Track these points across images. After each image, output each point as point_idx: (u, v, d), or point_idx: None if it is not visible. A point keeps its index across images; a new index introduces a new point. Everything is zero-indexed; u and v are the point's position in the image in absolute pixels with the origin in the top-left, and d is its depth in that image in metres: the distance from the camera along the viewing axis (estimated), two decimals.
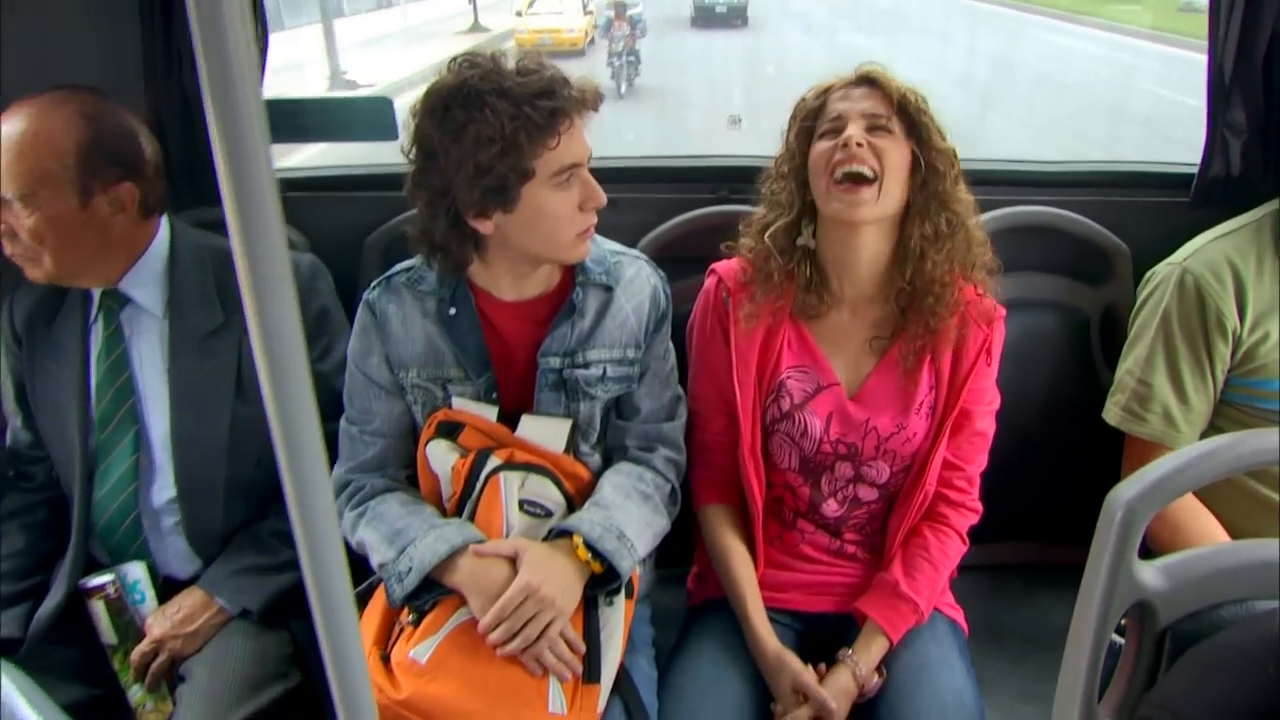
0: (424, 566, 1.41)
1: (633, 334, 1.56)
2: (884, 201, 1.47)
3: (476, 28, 17.33)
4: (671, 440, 1.62)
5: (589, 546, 1.43)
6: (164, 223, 1.68)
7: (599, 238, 1.59)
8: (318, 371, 1.67)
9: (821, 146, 1.50)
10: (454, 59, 1.42)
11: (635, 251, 1.64)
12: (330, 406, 1.63)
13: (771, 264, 1.56)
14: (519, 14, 15.45)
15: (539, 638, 1.37)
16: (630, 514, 1.50)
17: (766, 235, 1.56)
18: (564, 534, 1.45)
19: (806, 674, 1.49)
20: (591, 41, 15.15)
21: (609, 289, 1.55)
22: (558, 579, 1.40)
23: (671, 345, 1.64)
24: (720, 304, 1.61)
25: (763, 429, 1.60)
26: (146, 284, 1.65)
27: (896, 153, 1.47)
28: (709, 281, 1.64)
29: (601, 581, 1.46)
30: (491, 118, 1.34)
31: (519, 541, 1.44)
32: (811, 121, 1.53)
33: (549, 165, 1.39)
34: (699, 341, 1.65)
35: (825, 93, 1.54)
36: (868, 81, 1.52)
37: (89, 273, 1.61)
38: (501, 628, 1.37)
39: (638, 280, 1.58)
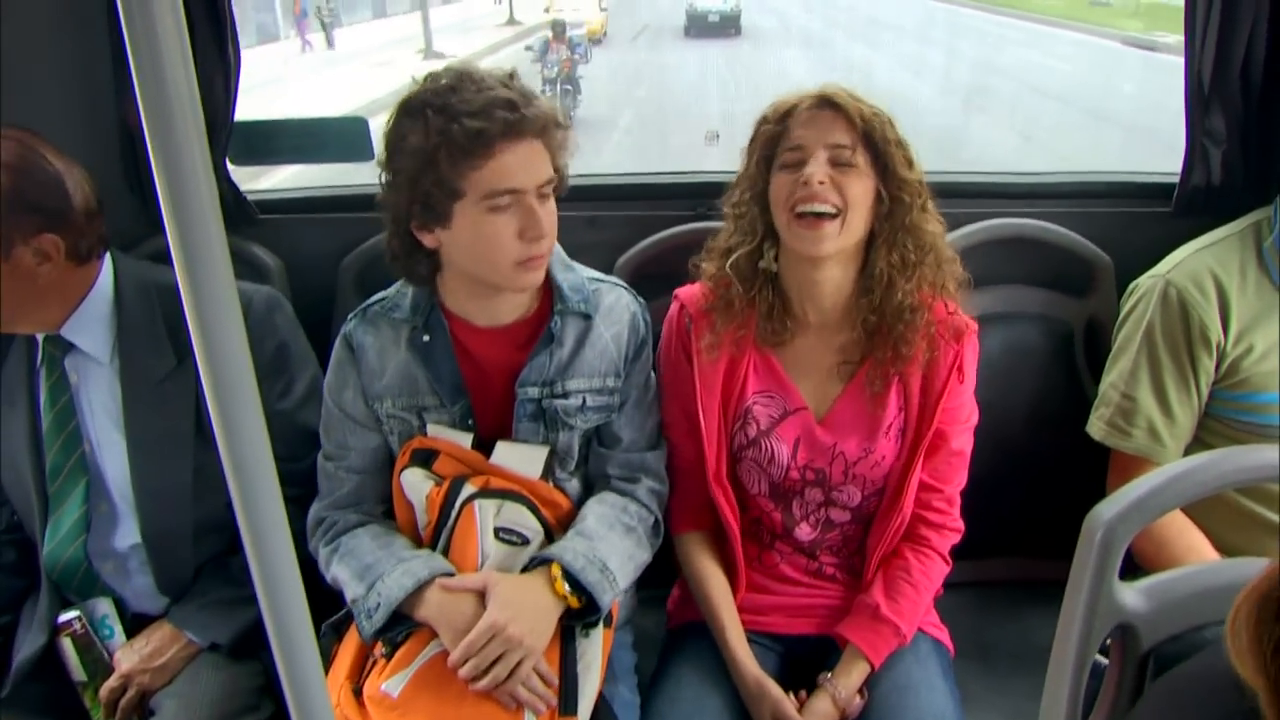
0: (391, 602, 1.39)
1: (612, 363, 1.54)
2: (846, 235, 1.44)
3: (512, 21, 19.61)
4: (654, 470, 1.60)
5: (570, 576, 1.40)
6: (107, 263, 1.60)
7: (577, 265, 1.57)
8: (279, 410, 1.64)
9: (783, 179, 1.46)
10: (430, 73, 1.40)
11: (614, 279, 1.62)
12: (297, 444, 1.61)
13: (732, 291, 1.53)
14: (547, 10, 17.33)
15: (509, 677, 1.34)
16: (614, 546, 1.47)
17: (728, 265, 1.52)
18: (545, 562, 1.43)
19: (786, 703, 1.47)
20: (605, 34, 17.22)
21: (587, 317, 1.52)
22: (527, 617, 1.37)
23: (653, 373, 1.62)
24: (684, 331, 1.58)
25: (731, 455, 1.58)
26: (90, 330, 1.58)
27: (860, 186, 1.43)
28: (673, 308, 1.62)
29: (580, 613, 1.43)
30: (422, 130, 1.33)
31: (489, 576, 1.41)
32: (772, 149, 1.50)
33: (478, 186, 1.35)
34: (666, 369, 1.62)
35: (787, 116, 1.49)
36: (831, 105, 1.46)
37: (21, 321, 1.55)
38: (469, 665, 1.34)
39: (617, 308, 1.55)
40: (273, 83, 12.64)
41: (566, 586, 1.40)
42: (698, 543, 1.62)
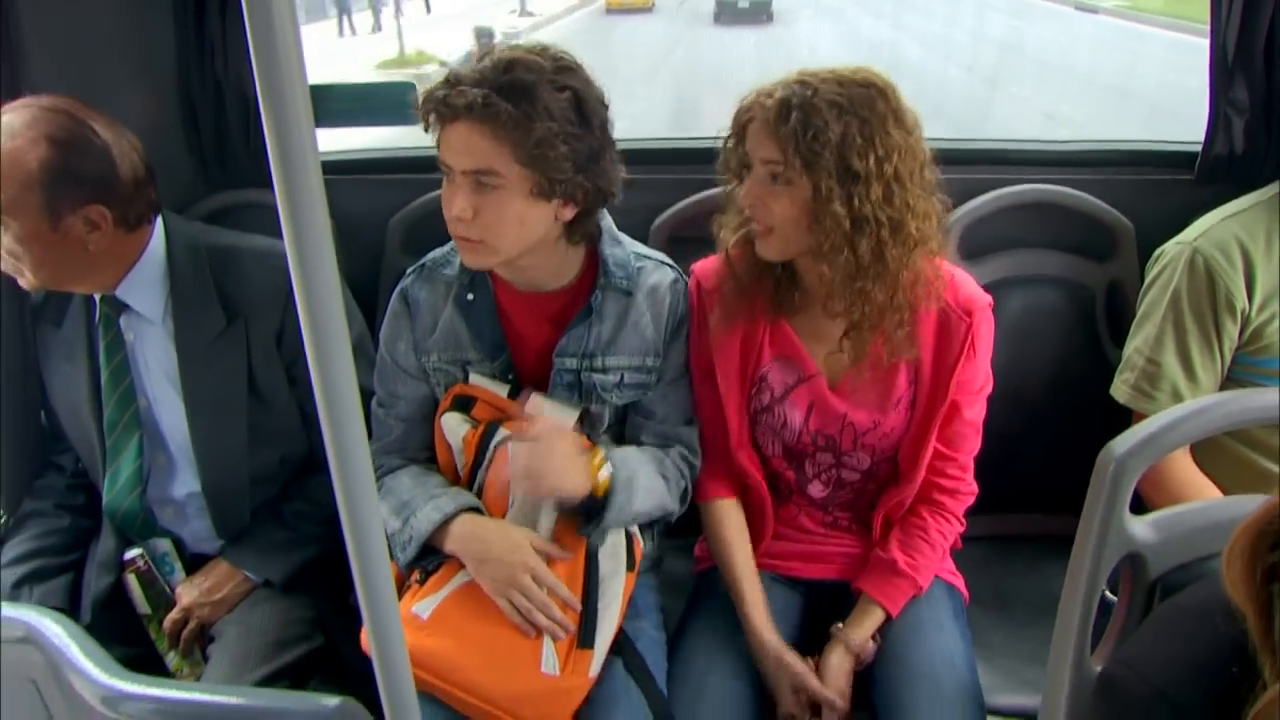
0: (421, 535, 1.47)
1: (651, 343, 1.57)
2: (785, 247, 1.46)
3: None
4: (688, 442, 1.64)
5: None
6: (159, 226, 1.65)
7: (625, 239, 1.60)
8: None
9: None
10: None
11: (661, 256, 1.63)
12: None
13: (742, 268, 1.55)
14: None
15: (534, 501, 1.45)
16: (645, 475, 1.53)
17: (730, 246, 1.54)
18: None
19: (808, 676, 1.49)
20: (654, 5, 19.81)
21: (629, 294, 1.55)
22: (560, 464, 1.44)
23: None
24: (701, 304, 1.61)
25: (749, 419, 1.62)
26: (143, 291, 1.63)
27: (787, 207, 1.41)
28: (690, 282, 1.63)
29: (591, 511, 1.49)
30: None
31: (541, 426, 1.48)
32: (740, 152, 1.48)
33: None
34: (690, 335, 1.63)
35: (745, 114, 1.45)
36: (764, 119, 1.40)
37: (77, 283, 1.61)
38: (513, 466, 1.43)
39: (660, 288, 1.58)
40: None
41: (602, 474, 1.47)
42: (722, 510, 1.65)
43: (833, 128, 1.35)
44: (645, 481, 1.53)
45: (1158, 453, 1.10)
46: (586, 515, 1.50)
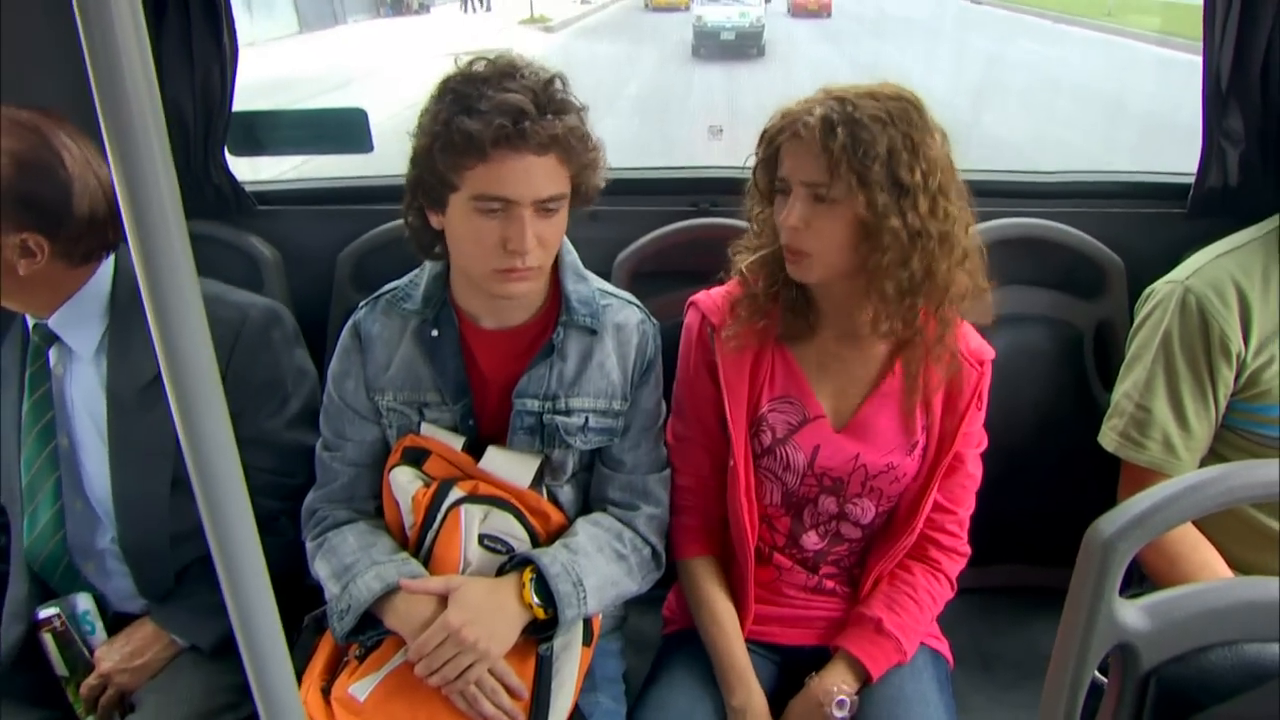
0: (359, 605, 1.37)
1: (618, 385, 1.49)
2: (824, 270, 1.39)
3: None
4: (656, 496, 1.55)
5: (541, 584, 1.37)
6: (109, 262, 1.55)
7: (592, 276, 1.53)
8: (273, 427, 1.61)
9: (778, 207, 1.41)
10: (476, 57, 1.36)
11: (628, 295, 1.56)
12: (291, 461, 1.58)
13: (758, 286, 1.48)
14: None
15: (458, 678, 1.32)
16: (597, 567, 1.44)
17: (749, 263, 1.48)
18: (524, 563, 1.40)
19: None
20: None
21: (593, 333, 1.48)
22: (486, 622, 1.34)
23: (662, 396, 1.56)
24: (705, 338, 1.52)
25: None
26: (78, 325, 1.53)
27: (834, 226, 1.35)
28: (690, 316, 1.56)
29: (547, 625, 1.39)
30: (434, 115, 1.31)
31: (452, 579, 1.39)
32: (771, 173, 1.43)
33: (470, 185, 1.30)
34: (683, 379, 1.56)
35: (779, 135, 1.39)
36: (808, 136, 1.34)
37: (5, 300, 1.49)
38: (420, 665, 1.32)
39: (626, 328, 1.50)
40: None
41: (535, 598, 1.37)
42: (706, 570, 1.56)
43: (879, 141, 1.31)
44: (598, 579, 1.43)
45: (1150, 533, 1.00)
46: (536, 631, 1.40)
